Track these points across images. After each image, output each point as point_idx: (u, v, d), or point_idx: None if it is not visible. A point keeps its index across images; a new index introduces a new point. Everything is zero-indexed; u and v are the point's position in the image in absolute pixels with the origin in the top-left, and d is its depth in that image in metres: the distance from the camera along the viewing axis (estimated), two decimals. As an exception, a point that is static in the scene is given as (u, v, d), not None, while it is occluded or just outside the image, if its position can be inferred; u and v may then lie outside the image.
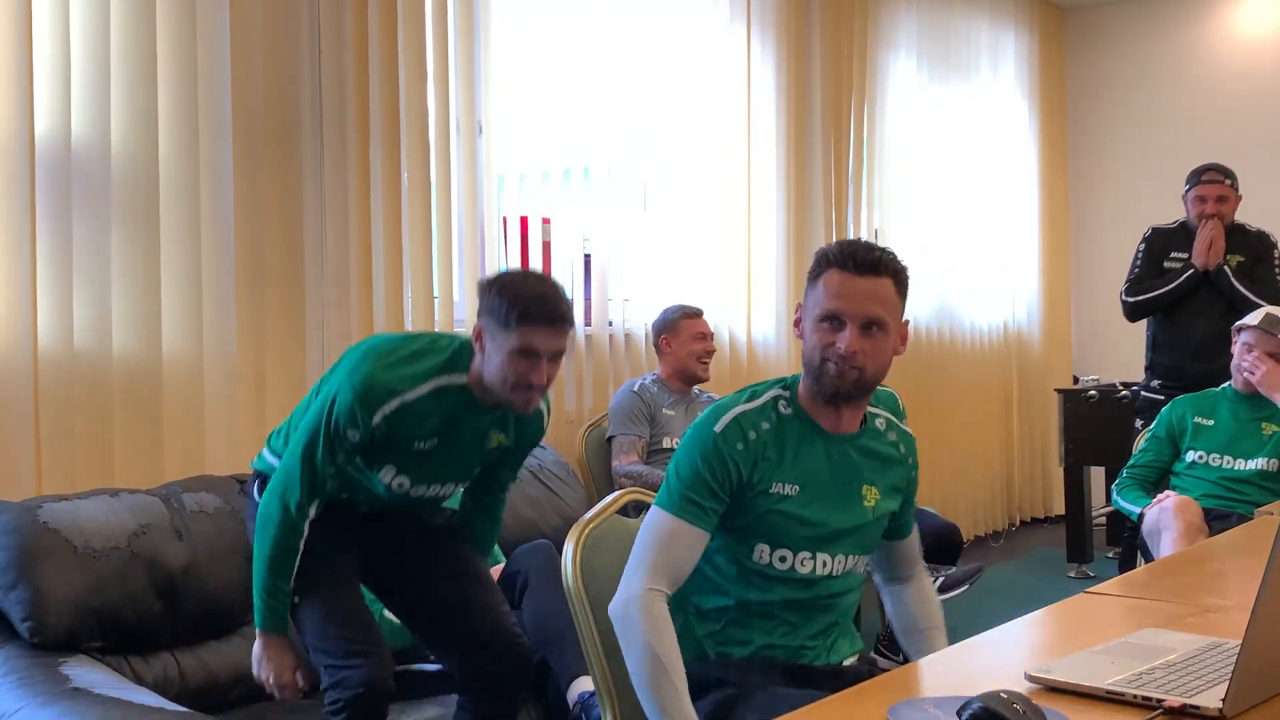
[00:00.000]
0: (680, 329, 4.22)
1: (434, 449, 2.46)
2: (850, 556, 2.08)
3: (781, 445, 2.03)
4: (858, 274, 1.98)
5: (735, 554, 2.05)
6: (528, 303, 2.32)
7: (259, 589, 2.42)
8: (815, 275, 2.02)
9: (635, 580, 1.97)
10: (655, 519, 2.02)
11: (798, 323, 2.08)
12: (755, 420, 2.03)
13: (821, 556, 2.04)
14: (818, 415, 2.07)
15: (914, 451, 2.20)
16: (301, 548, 2.41)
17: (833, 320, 1.99)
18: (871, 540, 2.14)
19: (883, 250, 2.01)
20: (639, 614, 1.92)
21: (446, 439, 2.46)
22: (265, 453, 2.60)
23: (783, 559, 2.02)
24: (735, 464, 1.99)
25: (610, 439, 4.15)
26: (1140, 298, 4.79)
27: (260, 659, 2.46)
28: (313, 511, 2.42)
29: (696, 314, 4.27)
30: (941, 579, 4.01)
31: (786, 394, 2.09)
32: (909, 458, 2.18)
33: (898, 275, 2.01)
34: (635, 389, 4.20)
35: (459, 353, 2.44)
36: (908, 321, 2.07)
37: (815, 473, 2.04)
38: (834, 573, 2.06)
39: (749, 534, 2.03)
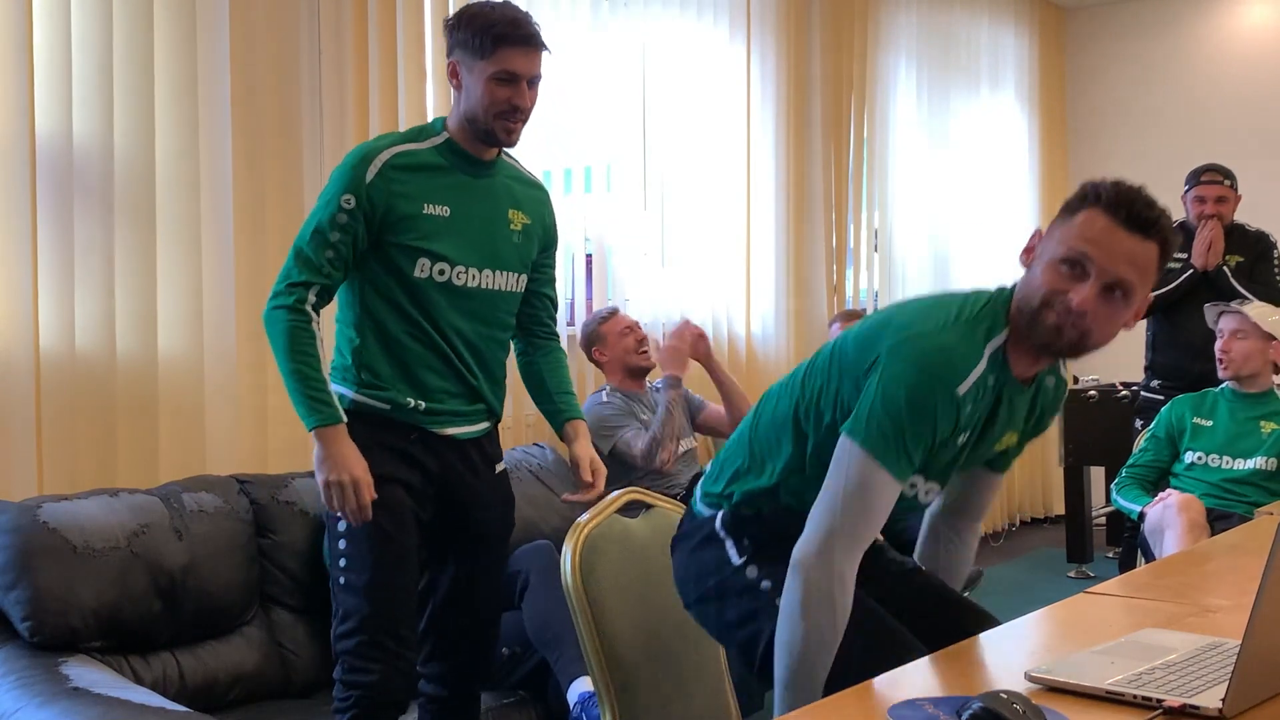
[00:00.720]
0: (605, 335, 4.18)
1: (450, 217, 2.38)
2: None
3: (978, 401, 1.82)
4: (1126, 229, 1.72)
5: None
6: (502, 26, 2.29)
7: (291, 384, 2.30)
8: (1074, 209, 1.77)
9: (845, 554, 1.75)
10: (868, 471, 1.74)
11: (1029, 250, 1.83)
12: (985, 381, 1.80)
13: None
14: (1015, 360, 1.85)
15: (1063, 397, 2.04)
16: (316, 336, 2.33)
17: (1075, 266, 1.74)
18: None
19: (1161, 210, 1.75)
20: (840, 597, 1.75)
21: (459, 202, 2.40)
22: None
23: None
24: (957, 425, 1.80)
25: (611, 452, 4.03)
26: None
27: (324, 470, 2.27)
28: (313, 298, 2.35)
29: (612, 313, 4.22)
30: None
31: (1001, 340, 1.81)
32: (1059, 403, 2.03)
33: (1165, 244, 1.76)
34: (604, 399, 4.14)
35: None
36: (1150, 297, 1.83)
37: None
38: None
39: None
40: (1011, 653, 1.85)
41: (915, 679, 1.69)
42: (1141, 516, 3.71)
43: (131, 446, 3.12)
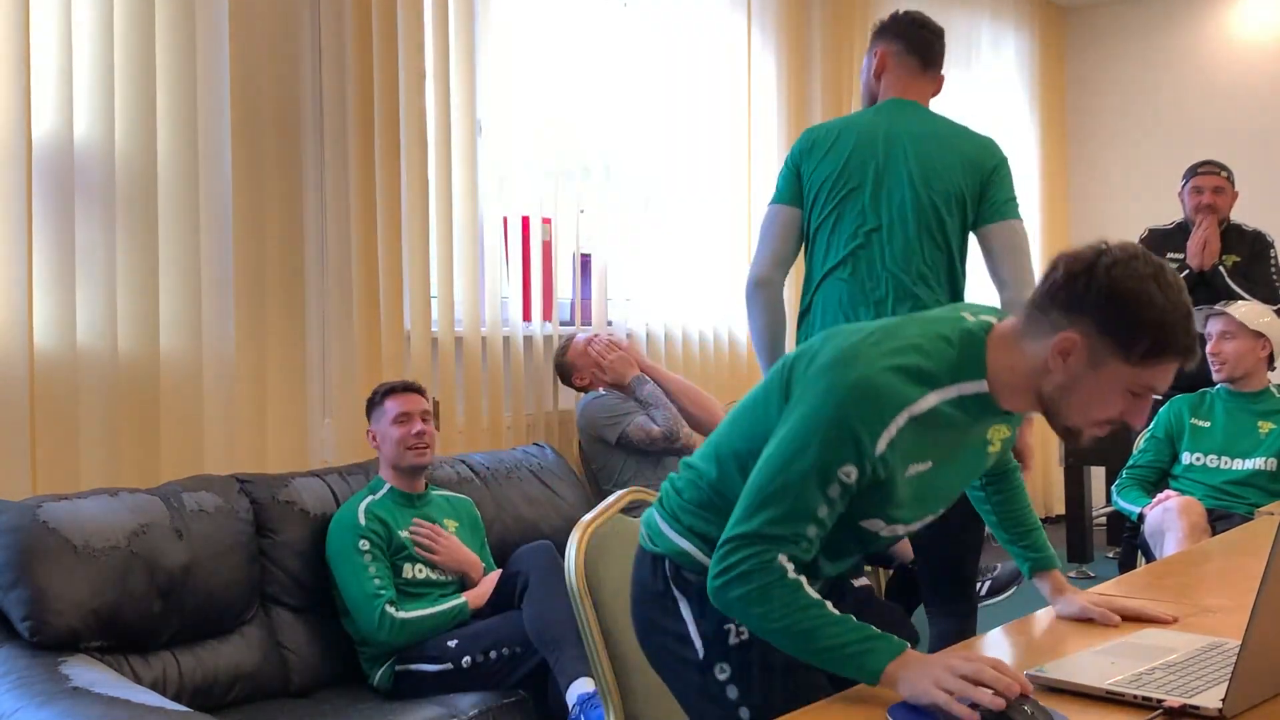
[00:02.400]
0: (574, 362, 4.28)
1: (929, 472, 1.74)
2: None
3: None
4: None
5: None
6: (1178, 334, 1.60)
7: (821, 659, 1.62)
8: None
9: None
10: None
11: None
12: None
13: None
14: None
15: None
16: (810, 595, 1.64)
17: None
18: None
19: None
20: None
21: (947, 456, 1.77)
22: (667, 530, 1.89)
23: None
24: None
25: (621, 438, 4.06)
26: None
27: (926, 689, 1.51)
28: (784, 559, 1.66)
29: (569, 343, 4.30)
30: (988, 582, 4.02)
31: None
32: None
33: None
34: (602, 392, 4.21)
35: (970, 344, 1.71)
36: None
37: None
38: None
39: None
40: (1011, 653, 1.85)
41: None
42: (1141, 518, 3.71)
43: (130, 446, 3.12)
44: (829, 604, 1.61)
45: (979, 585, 4.01)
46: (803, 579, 1.62)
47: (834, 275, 2.99)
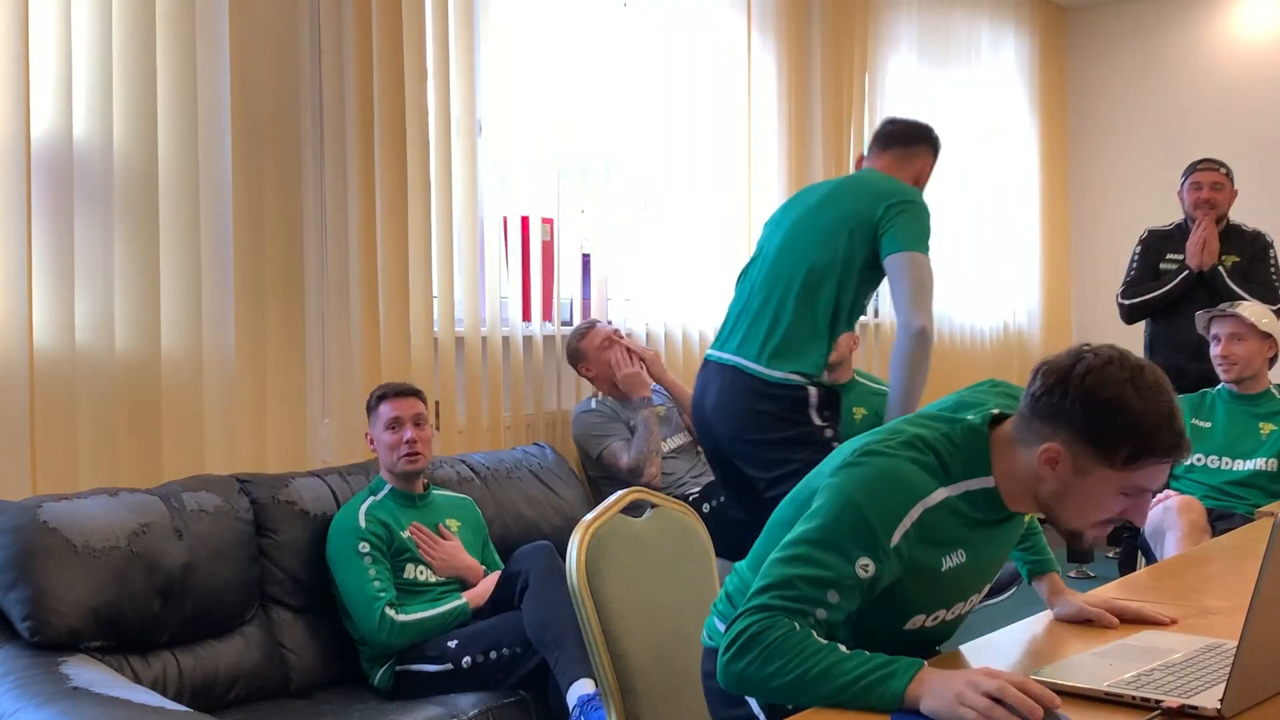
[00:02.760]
0: (585, 351, 4.21)
1: (961, 565, 1.79)
2: None
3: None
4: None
5: None
6: (1158, 435, 1.63)
7: (833, 706, 1.58)
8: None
9: None
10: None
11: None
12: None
13: None
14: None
15: None
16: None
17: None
18: None
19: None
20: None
21: (978, 548, 1.80)
22: (722, 630, 1.89)
23: None
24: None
25: (599, 457, 4.06)
26: (1135, 300, 4.82)
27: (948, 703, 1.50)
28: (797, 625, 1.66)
29: (590, 327, 4.23)
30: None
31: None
32: None
33: None
34: (593, 405, 4.18)
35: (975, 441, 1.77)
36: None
37: None
38: None
39: None
40: (1012, 654, 1.85)
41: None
42: (1142, 518, 3.71)
43: (130, 446, 3.13)
44: (839, 645, 1.59)
45: None
46: (811, 632, 1.61)
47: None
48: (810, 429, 3.19)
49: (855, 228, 3.26)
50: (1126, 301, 4.85)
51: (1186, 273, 4.65)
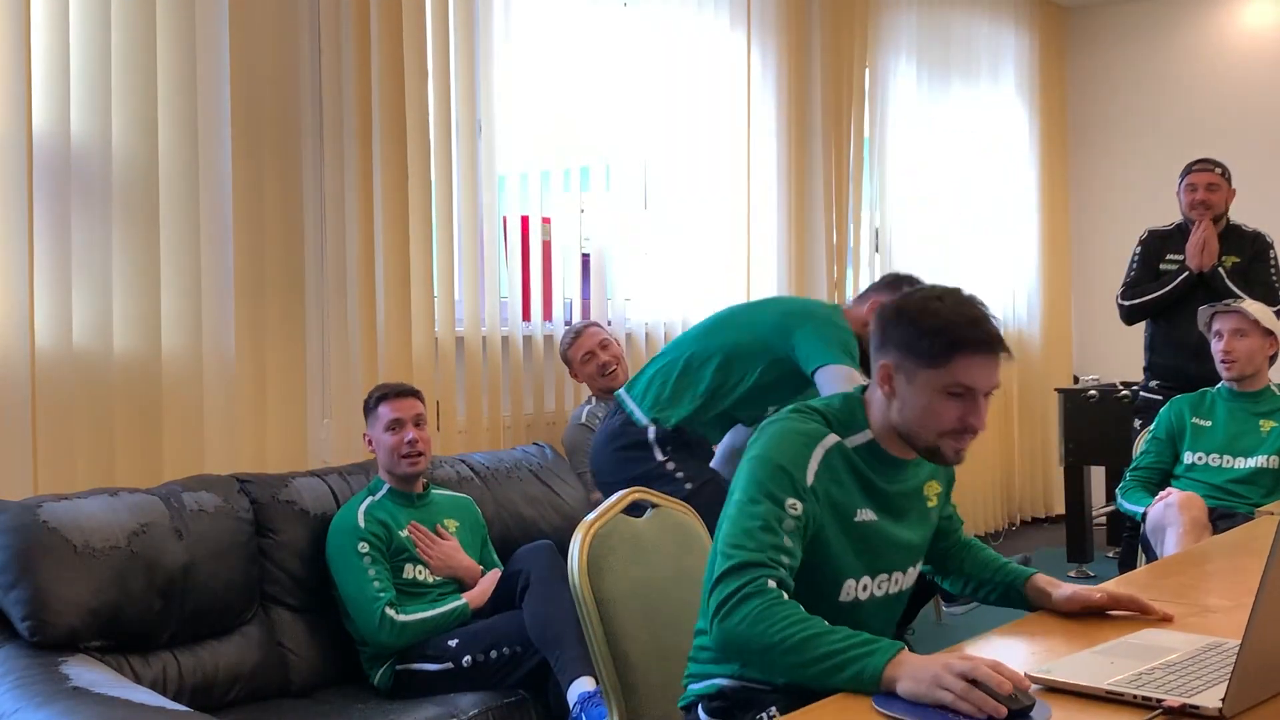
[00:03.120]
0: (570, 360, 4.26)
1: (874, 525, 1.96)
2: None
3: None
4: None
5: None
6: (960, 329, 1.87)
7: (811, 677, 1.68)
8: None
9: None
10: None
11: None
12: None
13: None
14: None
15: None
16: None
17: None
18: None
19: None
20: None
21: (889, 509, 1.98)
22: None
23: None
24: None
25: (580, 476, 4.01)
26: (1135, 301, 4.82)
27: (927, 683, 1.56)
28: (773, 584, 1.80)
29: (577, 336, 4.23)
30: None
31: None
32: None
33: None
34: (583, 420, 4.16)
35: (849, 402, 2.01)
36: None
37: None
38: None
39: None
40: (1012, 653, 1.85)
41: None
42: (1144, 517, 3.71)
43: (130, 446, 3.12)
44: (823, 620, 1.72)
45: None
46: (798, 605, 1.74)
47: None
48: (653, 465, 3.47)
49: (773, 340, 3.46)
50: (1126, 302, 4.85)
51: (1186, 274, 4.65)
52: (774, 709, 1.84)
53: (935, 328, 1.85)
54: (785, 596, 1.75)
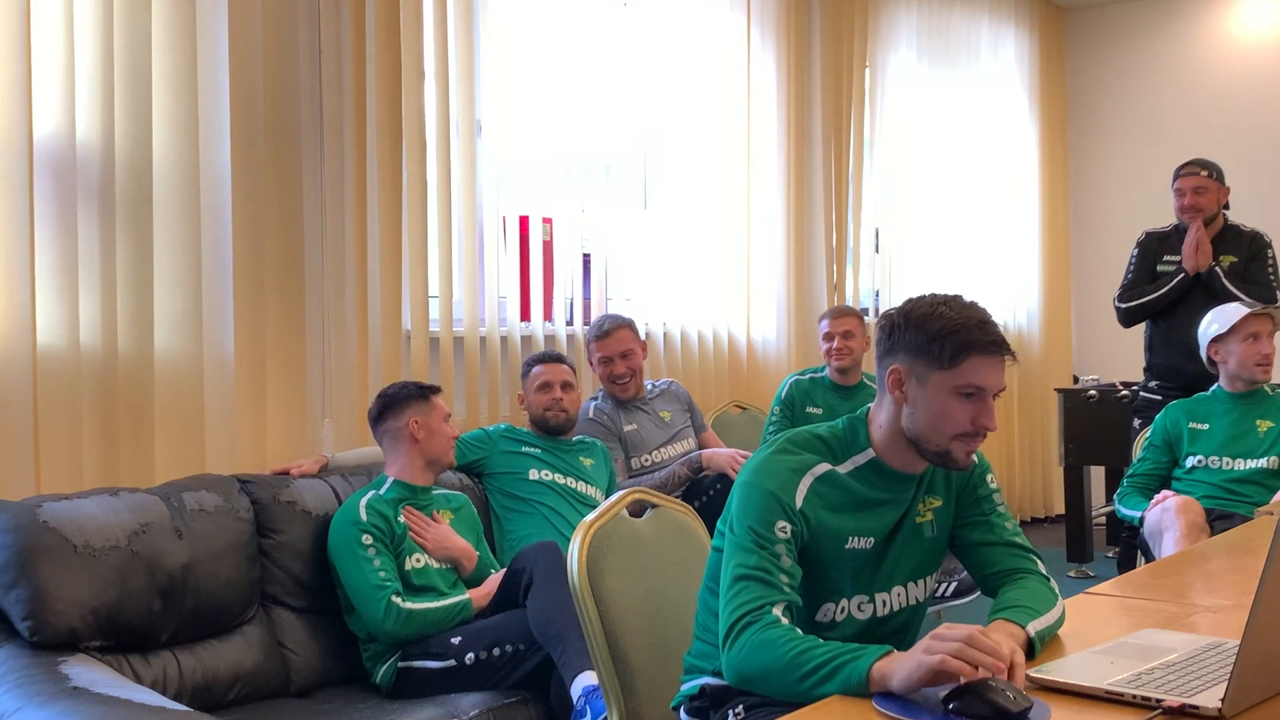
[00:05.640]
0: (591, 353, 4.09)
1: (869, 552, 1.97)
2: None
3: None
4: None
5: None
6: (971, 331, 1.91)
7: (805, 691, 1.69)
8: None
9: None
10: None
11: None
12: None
13: None
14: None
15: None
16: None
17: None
18: None
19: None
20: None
21: (883, 532, 1.99)
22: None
23: None
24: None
25: None
26: (1132, 304, 4.81)
27: (914, 673, 1.58)
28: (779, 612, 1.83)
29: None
30: (954, 584, 4.01)
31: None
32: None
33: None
34: (590, 416, 4.05)
35: (850, 425, 2.03)
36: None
37: None
38: None
39: None
40: (1011, 653, 1.84)
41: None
42: (1142, 521, 3.71)
43: (131, 445, 3.12)
44: (815, 637, 1.76)
45: (945, 586, 4.01)
46: (794, 628, 1.78)
47: None
48: None
49: None
50: (1123, 305, 4.85)
51: (1182, 275, 4.65)
52: (740, 707, 1.88)
53: (946, 331, 1.90)
54: (784, 621, 1.78)
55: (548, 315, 4.46)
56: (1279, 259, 4.73)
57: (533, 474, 3.65)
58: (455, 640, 3.01)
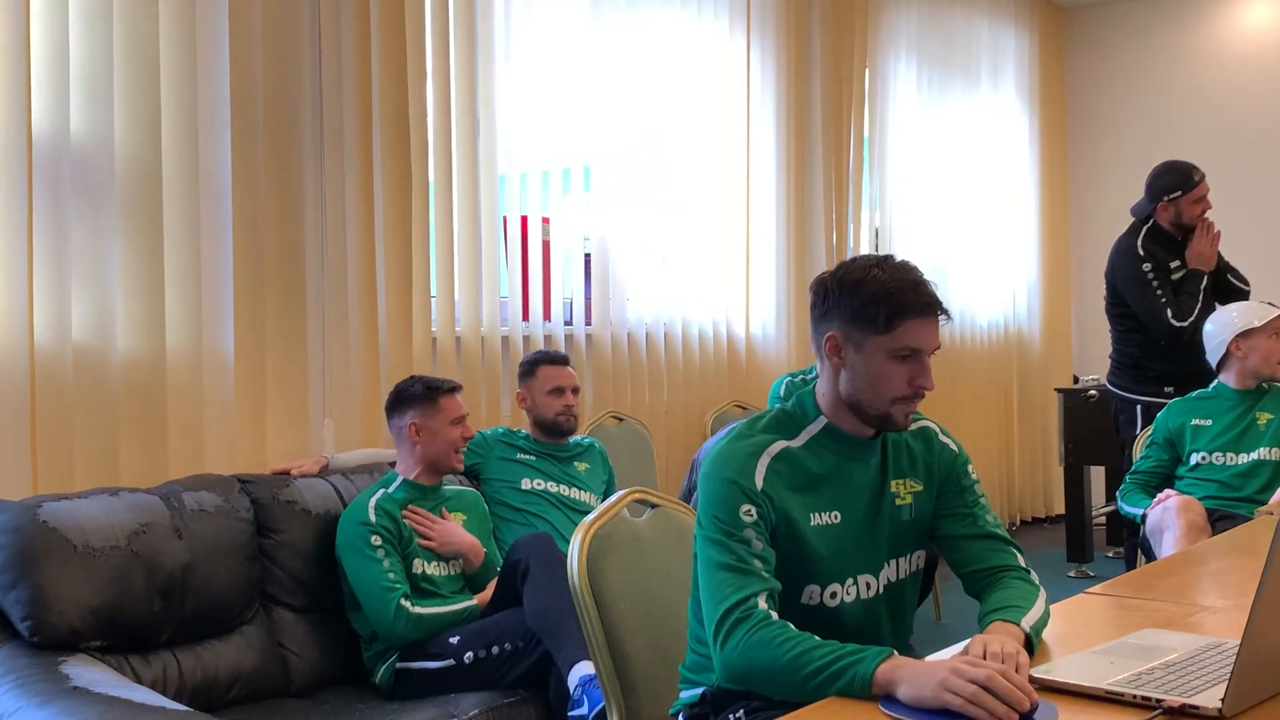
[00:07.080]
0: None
1: (840, 526, 1.95)
2: None
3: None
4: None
5: None
6: (904, 294, 1.90)
7: (808, 693, 1.68)
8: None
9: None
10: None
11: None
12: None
13: None
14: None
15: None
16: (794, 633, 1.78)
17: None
18: None
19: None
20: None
21: (852, 508, 1.97)
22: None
23: None
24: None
25: None
26: (1194, 316, 4.47)
27: (925, 687, 1.55)
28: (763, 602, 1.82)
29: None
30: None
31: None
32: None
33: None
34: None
35: (800, 400, 2.03)
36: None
37: None
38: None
39: None
40: (1011, 652, 1.84)
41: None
42: (1144, 519, 3.72)
43: (130, 445, 3.12)
44: (813, 636, 1.74)
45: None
46: (787, 624, 1.77)
47: None
48: None
49: None
50: (1185, 323, 4.43)
51: (1204, 277, 4.58)
52: (741, 711, 1.85)
53: (880, 295, 1.89)
54: (774, 615, 1.77)
55: (547, 315, 4.46)
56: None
57: (525, 483, 3.66)
58: (454, 640, 3.01)
